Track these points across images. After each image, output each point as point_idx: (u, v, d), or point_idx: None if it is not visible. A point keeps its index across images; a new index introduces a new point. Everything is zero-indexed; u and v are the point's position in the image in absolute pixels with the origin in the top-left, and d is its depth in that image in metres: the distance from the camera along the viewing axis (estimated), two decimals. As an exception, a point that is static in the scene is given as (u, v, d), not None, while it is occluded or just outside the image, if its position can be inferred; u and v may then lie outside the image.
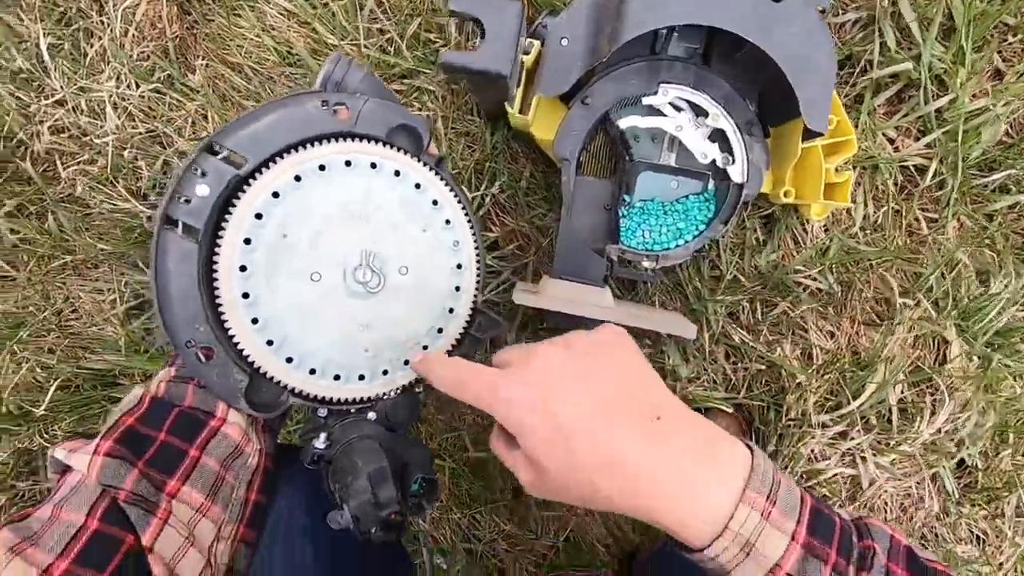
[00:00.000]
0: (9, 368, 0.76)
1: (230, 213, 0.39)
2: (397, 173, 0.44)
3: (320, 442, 0.45)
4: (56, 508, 0.35)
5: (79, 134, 0.77)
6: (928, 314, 0.70)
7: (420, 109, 0.75)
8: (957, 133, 0.68)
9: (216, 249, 0.39)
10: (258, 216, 0.40)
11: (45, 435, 0.76)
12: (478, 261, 0.49)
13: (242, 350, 0.41)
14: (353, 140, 0.42)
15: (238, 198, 0.39)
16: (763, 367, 0.72)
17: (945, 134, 0.69)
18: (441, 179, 0.46)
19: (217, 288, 0.39)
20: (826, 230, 0.73)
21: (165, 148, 0.77)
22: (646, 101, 0.65)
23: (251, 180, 0.40)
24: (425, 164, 0.45)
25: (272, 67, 0.78)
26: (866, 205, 0.72)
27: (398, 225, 0.44)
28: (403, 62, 0.74)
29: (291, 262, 0.41)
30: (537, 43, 0.61)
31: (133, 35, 0.76)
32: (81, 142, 0.77)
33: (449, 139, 0.74)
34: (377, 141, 0.43)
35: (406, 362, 0.47)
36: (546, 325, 0.77)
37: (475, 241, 0.48)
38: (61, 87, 0.75)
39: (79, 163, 0.77)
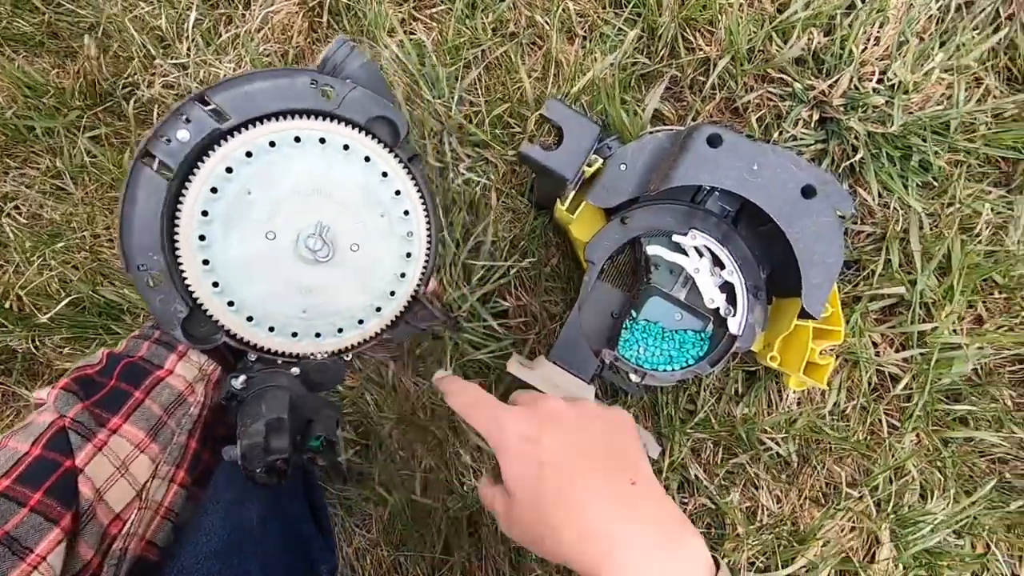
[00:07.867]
0: (33, 270, 0.80)
1: (203, 161, 0.42)
2: (367, 159, 0.46)
3: (238, 382, 0.47)
4: (5, 439, 0.40)
5: (185, 94, 0.85)
6: (869, 511, 0.74)
7: (482, 177, 0.83)
8: (932, 358, 0.75)
9: (184, 191, 0.42)
10: (228, 170, 0.42)
11: (36, 342, 0.79)
12: (427, 256, 0.51)
13: (188, 286, 0.43)
14: (333, 121, 0.45)
15: (214, 150, 0.42)
16: (711, 507, 0.75)
17: (922, 355, 0.77)
18: (409, 173, 0.48)
19: (177, 226, 0.42)
20: (799, 403, 0.79)
21: (251, 132, 0.86)
22: (676, 238, 0.73)
23: (230, 136, 0.42)
24: (396, 156, 0.48)
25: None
26: (839, 393, 0.78)
27: (357, 206, 0.47)
28: (481, 134, 0.83)
29: (249, 218, 0.44)
30: (600, 160, 0.70)
31: (264, 34, 0.86)
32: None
33: (498, 210, 0.82)
34: (357, 127, 0.46)
35: (340, 330, 0.48)
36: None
37: (429, 236, 0.50)
38: (188, 53, 0.84)
39: (173, 119, 0.86)
